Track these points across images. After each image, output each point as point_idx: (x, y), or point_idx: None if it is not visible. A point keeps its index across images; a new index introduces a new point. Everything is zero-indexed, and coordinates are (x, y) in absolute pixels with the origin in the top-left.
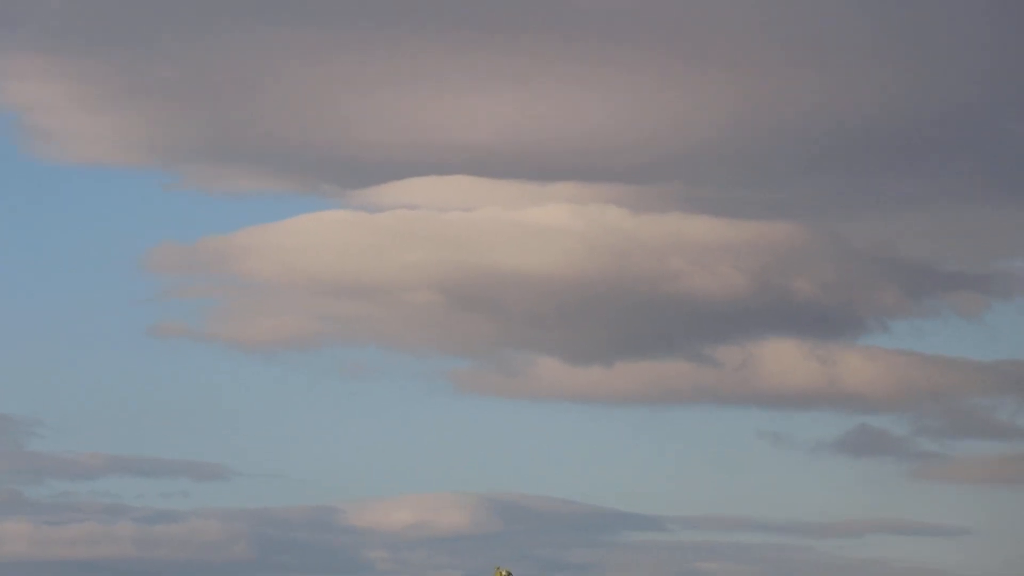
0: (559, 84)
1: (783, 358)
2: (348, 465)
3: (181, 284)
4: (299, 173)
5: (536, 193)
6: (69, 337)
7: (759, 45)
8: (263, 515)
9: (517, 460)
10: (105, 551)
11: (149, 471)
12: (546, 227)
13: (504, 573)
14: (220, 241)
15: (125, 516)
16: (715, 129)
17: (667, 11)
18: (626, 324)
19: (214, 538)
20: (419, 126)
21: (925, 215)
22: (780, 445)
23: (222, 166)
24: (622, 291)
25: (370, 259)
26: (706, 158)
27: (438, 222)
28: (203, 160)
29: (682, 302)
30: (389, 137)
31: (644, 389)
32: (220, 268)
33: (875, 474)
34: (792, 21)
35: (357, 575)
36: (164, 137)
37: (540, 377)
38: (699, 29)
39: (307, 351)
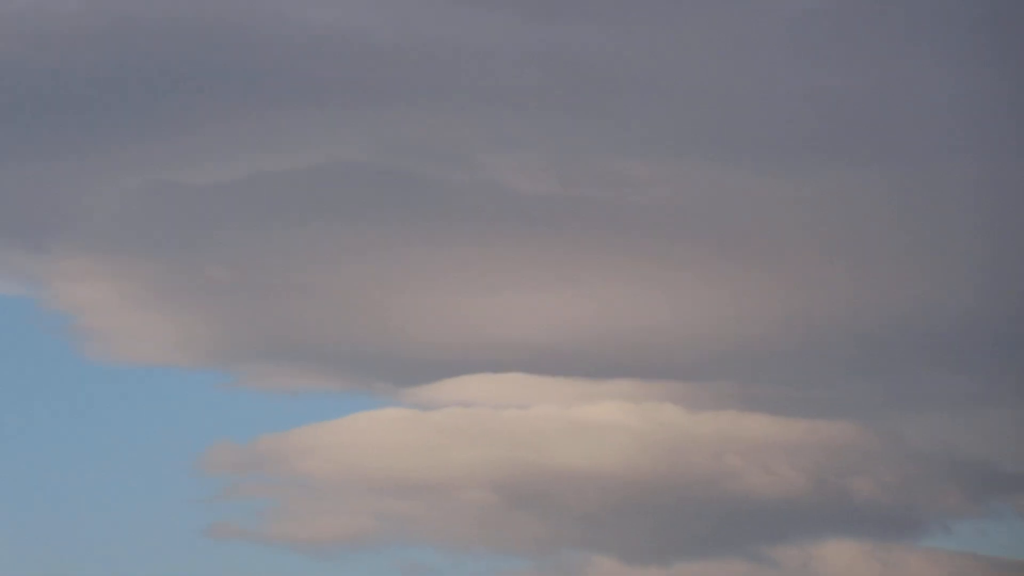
0: (612, 281)
1: (843, 559)
2: None
3: (238, 484)
4: (354, 371)
5: (591, 391)
6: (126, 538)
7: (806, 244)
8: None
9: None
10: None
11: None
12: (601, 424)
13: None
14: (276, 440)
15: None
16: (768, 326)
17: (716, 210)
18: (683, 523)
19: None
20: (472, 324)
21: (985, 414)
22: None
23: (277, 365)
24: (679, 489)
25: (425, 457)
26: (760, 355)
27: (493, 420)
28: (257, 359)
29: (739, 500)
30: (443, 335)
31: None
32: (276, 467)
33: None
34: (836, 220)
35: None
36: (218, 337)
37: None
38: (748, 228)
39: (365, 551)
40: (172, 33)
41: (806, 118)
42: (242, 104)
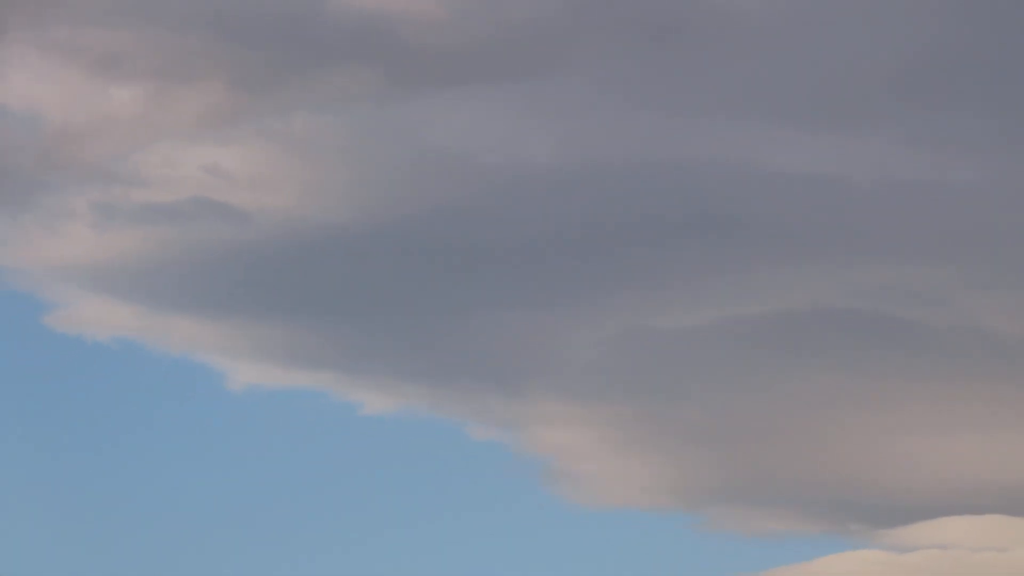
0: None
1: None
2: None
3: None
4: (828, 513)
5: None
6: None
7: None
8: None
9: None
10: None
11: None
12: None
13: None
14: None
15: None
16: None
17: None
18: None
19: None
20: (951, 465)
21: None
22: None
23: (747, 508)
24: None
25: None
26: None
27: (970, 562)
28: (727, 502)
29: None
30: (920, 476)
31: None
32: None
33: None
34: None
35: None
36: (688, 480)
37: None
38: None
39: None
40: (641, 178)
41: None
42: (715, 248)
